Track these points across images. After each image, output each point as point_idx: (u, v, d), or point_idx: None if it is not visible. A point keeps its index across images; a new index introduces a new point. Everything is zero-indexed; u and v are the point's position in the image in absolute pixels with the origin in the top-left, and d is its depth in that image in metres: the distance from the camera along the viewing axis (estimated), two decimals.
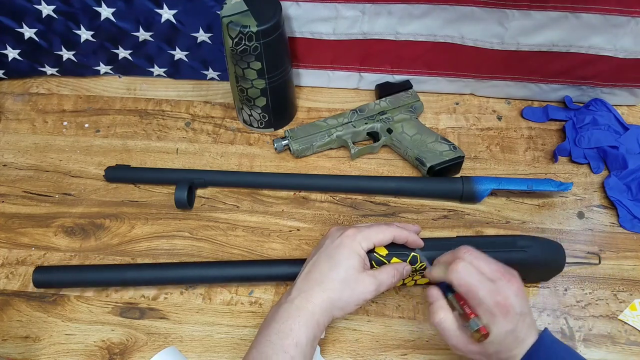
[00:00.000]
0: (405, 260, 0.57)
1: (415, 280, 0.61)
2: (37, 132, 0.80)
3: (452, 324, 0.49)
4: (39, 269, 0.62)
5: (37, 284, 0.62)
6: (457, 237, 0.61)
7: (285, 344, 0.48)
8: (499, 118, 0.80)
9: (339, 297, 0.51)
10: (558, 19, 0.69)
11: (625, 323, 0.60)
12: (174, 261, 0.66)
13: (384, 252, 0.57)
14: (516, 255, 0.57)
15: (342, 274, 0.52)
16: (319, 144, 0.75)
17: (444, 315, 0.49)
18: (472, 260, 0.49)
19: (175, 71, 0.84)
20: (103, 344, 0.60)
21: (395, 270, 0.55)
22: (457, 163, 0.71)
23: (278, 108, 0.76)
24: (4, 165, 0.76)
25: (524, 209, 0.70)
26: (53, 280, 0.63)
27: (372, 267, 0.57)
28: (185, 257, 0.67)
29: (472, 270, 0.48)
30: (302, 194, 0.72)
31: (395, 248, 0.57)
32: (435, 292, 0.51)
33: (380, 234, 0.55)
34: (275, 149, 0.75)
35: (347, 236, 0.54)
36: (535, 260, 0.58)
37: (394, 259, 0.57)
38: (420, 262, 0.57)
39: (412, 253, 0.57)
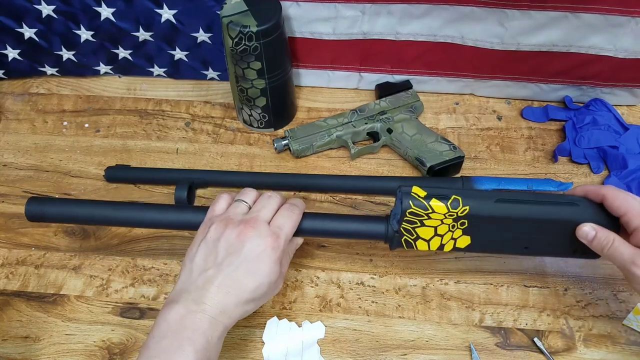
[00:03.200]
0: (446, 204, 0.52)
1: (455, 240, 0.54)
2: (37, 132, 0.80)
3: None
4: (33, 199, 0.59)
5: (29, 217, 0.58)
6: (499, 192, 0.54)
7: (199, 357, 0.46)
8: (499, 118, 0.80)
9: (252, 308, 0.51)
10: (558, 19, 0.69)
11: (630, 328, 0.60)
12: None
13: (422, 193, 0.52)
14: (567, 210, 0.52)
15: (264, 289, 0.50)
16: (319, 144, 0.75)
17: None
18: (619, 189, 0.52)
19: (175, 71, 0.84)
20: (103, 344, 0.60)
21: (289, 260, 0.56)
22: (457, 163, 0.71)
23: (278, 108, 0.76)
24: (4, 165, 0.76)
25: None
26: (46, 213, 0.58)
27: (407, 207, 0.52)
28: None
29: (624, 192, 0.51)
30: (302, 194, 0.72)
31: (434, 189, 0.53)
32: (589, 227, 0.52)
33: (294, 223, 0.53)
34: (275, 149, 0.75)
35: (273, 248, 0.50)
36: (588, 218, 0.52)
37: (434, 200, 0.52)
38: (463, 206, 0.51)
39: (454, 196, 0.51)
